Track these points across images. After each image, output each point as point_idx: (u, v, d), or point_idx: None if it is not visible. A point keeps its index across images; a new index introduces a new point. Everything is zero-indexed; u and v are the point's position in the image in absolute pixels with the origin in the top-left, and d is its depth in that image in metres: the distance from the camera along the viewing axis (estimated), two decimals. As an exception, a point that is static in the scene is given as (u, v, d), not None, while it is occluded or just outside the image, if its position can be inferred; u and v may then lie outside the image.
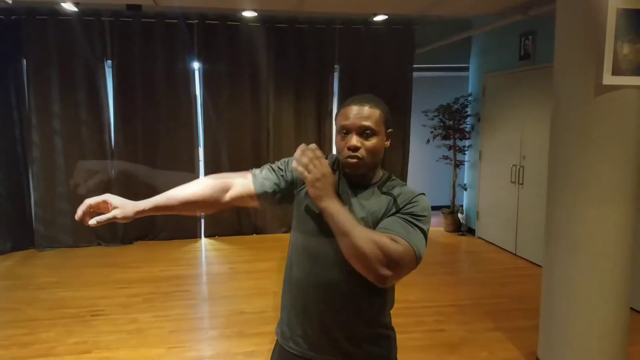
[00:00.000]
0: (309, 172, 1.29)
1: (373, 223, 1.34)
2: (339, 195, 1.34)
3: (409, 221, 1.30)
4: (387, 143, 1.40)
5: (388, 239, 1.24)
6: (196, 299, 4.35)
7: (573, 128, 2.73)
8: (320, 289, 1.39)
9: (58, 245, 5.72)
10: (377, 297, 1.41)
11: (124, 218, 1.30)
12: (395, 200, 1.36)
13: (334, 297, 1.38)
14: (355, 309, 1.39)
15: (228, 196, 1.42)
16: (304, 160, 1.31)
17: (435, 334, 3.56)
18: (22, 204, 5.69)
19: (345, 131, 1.35)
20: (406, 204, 1.34)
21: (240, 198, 1.43)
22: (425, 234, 1.31)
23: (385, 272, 1.21)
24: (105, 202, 1.32)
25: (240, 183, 1.44)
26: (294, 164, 1.33)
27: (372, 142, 1.34)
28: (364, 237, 1.22)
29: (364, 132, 1.33)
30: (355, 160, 1.34)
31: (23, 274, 4.91)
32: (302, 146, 1.34)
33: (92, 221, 1.27)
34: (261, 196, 1.43)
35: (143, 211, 1.34)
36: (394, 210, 1.35)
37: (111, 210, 1.31)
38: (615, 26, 2.51)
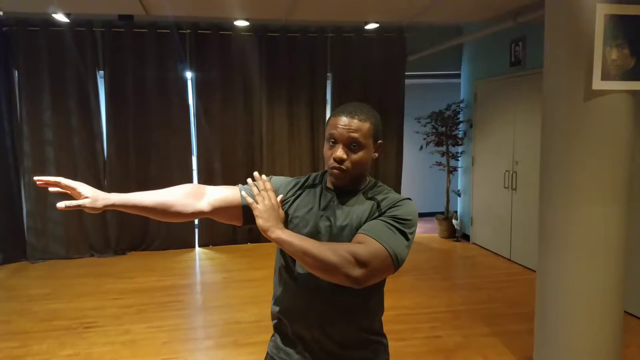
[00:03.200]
0: (257, 204, 1.33)
1: (357, 228, 1.34)
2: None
3: (389, 223, 1.30)
4: (375, 155, 1.41)
5: (352, 243, 1.26)
6: (190, 309, 4.32)
7: (563, 132, 2.75)
8: (308, 293, 1.39)
9: (50, 257, 5.67)
10: (363, 302, 1.40)
11: (92, 209, 1.28)
12: (379, 204, 1.37)
13: (320, 302, 1.38)
14: (341, 314, 1.39)
15: (206, 201, 1.42)
16: (254, 191, 1.36)
17: (431, 340, 3.55)
18: (14, 215, 5.65)
19: (333, 140, 1.36)
20: (389, 208, 1.35)
21: (224, 209, 1.43)
22: (405, 236, 1.30)
23: (356, 272, 1.20)
24: (76, 189, 1.29)
25: (224, 192, 1.45)
26: (244, 194, 1.40)
27: (358, 155, 1.35)
28: (325, 248, 1.22)
29: (351, 145, 1.34)
30: (338, 171, 1.36)
31: (15, 286, 4.86)
32: (255, 175, 1.40)
33: (61, 204, 1.24)
34: (245, 207, 1.43)
35: (113, 205, 1.31)
36: (377, 214, 1.35)
37: (82, 198, 1.28)
38: (604, 32, 2.55)
